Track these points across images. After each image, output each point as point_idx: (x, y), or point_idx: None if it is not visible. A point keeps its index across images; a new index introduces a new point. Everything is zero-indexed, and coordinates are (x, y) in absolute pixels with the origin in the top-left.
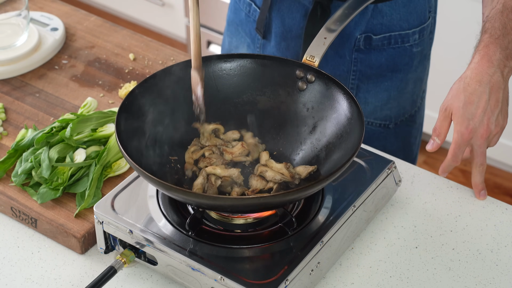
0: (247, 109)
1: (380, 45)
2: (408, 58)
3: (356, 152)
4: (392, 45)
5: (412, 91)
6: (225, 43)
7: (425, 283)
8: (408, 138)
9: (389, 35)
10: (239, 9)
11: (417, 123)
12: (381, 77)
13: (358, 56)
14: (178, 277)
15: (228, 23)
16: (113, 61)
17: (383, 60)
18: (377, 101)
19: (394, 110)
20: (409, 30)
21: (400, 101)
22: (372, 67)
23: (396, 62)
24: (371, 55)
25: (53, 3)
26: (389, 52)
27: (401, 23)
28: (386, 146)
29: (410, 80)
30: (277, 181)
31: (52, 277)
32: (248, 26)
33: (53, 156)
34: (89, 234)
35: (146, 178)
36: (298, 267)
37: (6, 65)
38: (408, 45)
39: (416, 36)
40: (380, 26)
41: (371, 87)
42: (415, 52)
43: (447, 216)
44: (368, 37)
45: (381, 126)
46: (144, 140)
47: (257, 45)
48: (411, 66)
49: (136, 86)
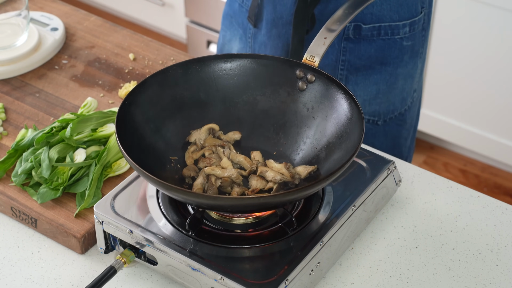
0: (247, 109)
1: (370, 35)
2: (398, 51)
3: (356, 152)
4: (382, 36)
5: (401, 88)
6: (220, 38)
7: (425, 283)
8: (398, 138)
9: (379, 25)
10: (233, 1)
11: (407, 124)
12: (370, 69)
13: (347, 45)
14: (178, 277)
15: (223, 17)
16: (113, 61)
17: (372, 51)
18: (366, 94)
19: (383, 105)
20: (399, 22)
21: (389, 97)
22: (361, 58)
23: (385, 54)
24: (361, 45)
25: (53, 3)
26: (379, 44)
27: (392, 14)
28: (375, 144)
29: (400, 75)
30: (277, 181)
31: (52, 277)
32: (241, 17)
33: (53, 156)
34: (89, 234)
35: (146, 178)
36: (298, 267)
37: (6, 65)
38: (398, 38)
39: (407, 29)
40: (370, 15)
41: (360, 80)
42: (406, 46)
43: (447, 216)
44: (357, 26)
45: (369, 122)
46: (144, 140)
47: (249, 35)
48: (401, 60)
49: (136, 86)
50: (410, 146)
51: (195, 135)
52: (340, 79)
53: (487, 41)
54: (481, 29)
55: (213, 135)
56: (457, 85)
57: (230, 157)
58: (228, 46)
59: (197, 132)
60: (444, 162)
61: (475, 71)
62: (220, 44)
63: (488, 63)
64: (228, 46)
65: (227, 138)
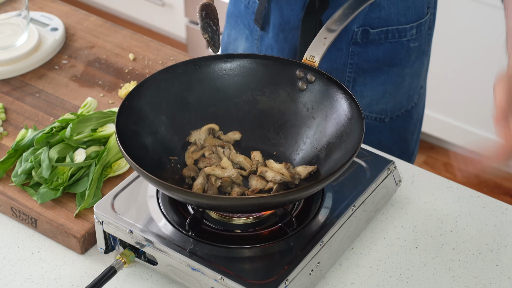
0: (247, 109)
1: (377, 39)
2: (405, 53)
3: (356, 152)
4: (389, 39)
5: (408, 86)
6: (224, 36)
7: (425, 283)
8: (404, 133)
9: (386, 29)
10: (238, 1)
11: (414, 119)
12: (377, 71)
13: (355, 49)
14: (178, 277)
15: (227, 16)
16: (113, 61)
17: (380, 54)
18: (373, 94)
19: (390, 104)
20: (406, 25)
21: (396, 96)
22: (369, 61)
23: (393, 56)
24: (368, 49)
25: (53, 3)
26: (386, 46)
27: (399, 17)
28: (382, 140)
29: (406, 75)
30: (277, 181)
31: (52, 277)
32: (247, 18)
33: (53, 156)
34: (89, 234)
35: (146, 178)
36: (298, 267)
37: (6, 65)
38: (406, 40)
39: (414, 31)
40: (377, 20)
41: (367, 81)
42: (412, 47)
43: (447, 216)
44: (365, 30)
45: (376, 120)
46: (144, 140)
47: (255, 36)
48: (408, 61)
49: (136, 86)
50: (417, 139)
51: (195, 135)
52: (348, 81)
53: (488, 41)
54: (481, 29)
55: (213, 135)
56: (457, 85)
57: (230, 157)
58: (234, 45)
59: (197, 132)
60: (444, 162)
61: (475, 71)
62: (225, 43)
63: (488, 63)
64: (234, 45)
65: (227, 138)
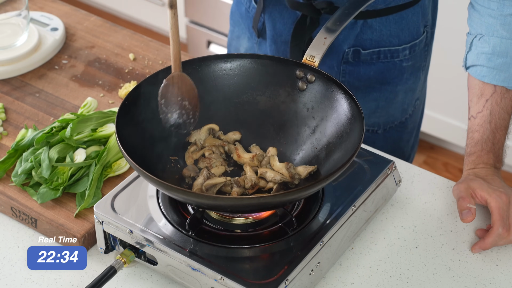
0: (247, 109)
1: (369, 59)
2: (397, 72)
3: (356, 152)
4: (381, 60)
5: (402, 101)
6: (229, 32)
7: (425, 283)
8: (398, 142)
9: (378, 50)
10: (240, 3)
11: (409, 128)
12: (369, 88)
13: (346, 68)
14: (178, 277)
15: (231, 13)
16: (113, 61)
17: (371, 73)
18: (365, 109)
19: (383, 118)
20: (399, 46)
21: (389, 110)
22: (361, 79)
23: (385, 75)
24: (360, 68)
25: (53, 3)
26: (378, 66)
27: (391, 39)
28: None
29: (400, 92)
30: (277, 181)
31: (52, 277)
32: (247, 21)
33: (53, 156)
34: (89, 234)
35: (146, 178)
36: (298, 267)
37: (6, 65)
38: (398, 60)
39: (407, 52)
40: (369, 41)
41: (359, 97)
42: (405, 66)
43: (447, 216)
44: (356, 51)
45: (369, 132)
46: (144, 140)
47: (254, 40)
48: (401, 79)
49: (136, 86)
50: (414, 144)
51: (195, 135)
52: None
53: None
54: None
55: (213, 135)
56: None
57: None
58: (237, 42)
59: (197, 132)
60: (444, 162)
61: None
62: (229, 39)
63: None
64: (237, 43)
65: (227, 138)
